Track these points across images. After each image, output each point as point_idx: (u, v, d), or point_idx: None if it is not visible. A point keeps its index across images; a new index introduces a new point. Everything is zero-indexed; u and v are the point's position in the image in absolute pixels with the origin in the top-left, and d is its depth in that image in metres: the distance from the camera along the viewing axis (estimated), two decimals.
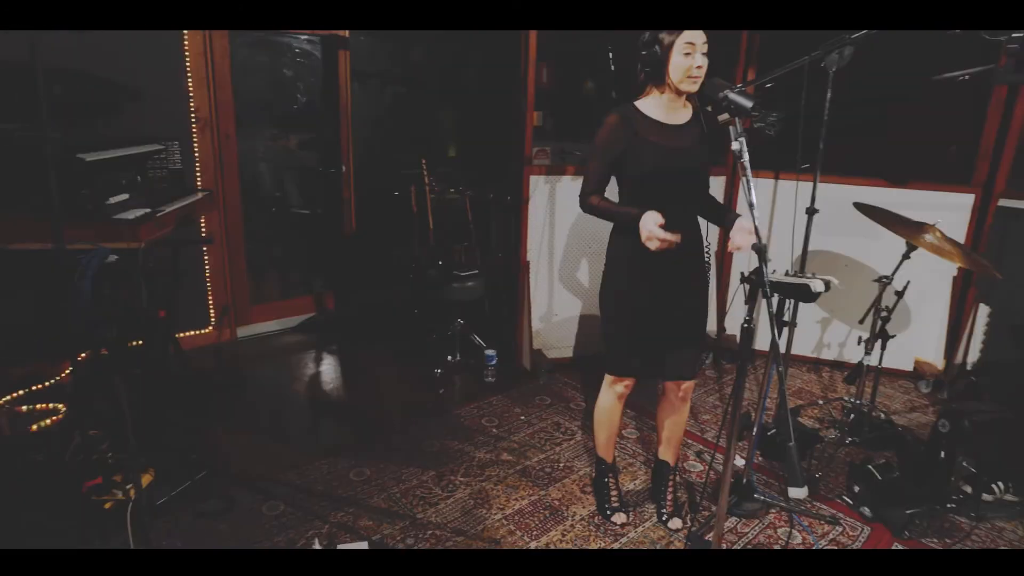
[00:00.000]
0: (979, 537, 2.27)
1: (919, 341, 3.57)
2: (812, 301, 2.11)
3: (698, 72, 1.85)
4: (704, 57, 1.85)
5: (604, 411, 2.24)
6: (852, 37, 2.41)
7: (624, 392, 2.18)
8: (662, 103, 1.95)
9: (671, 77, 1.87)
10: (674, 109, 1.97)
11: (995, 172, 3.32)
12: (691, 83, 1.87)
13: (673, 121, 1.97)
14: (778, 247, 3.65)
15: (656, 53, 1.86)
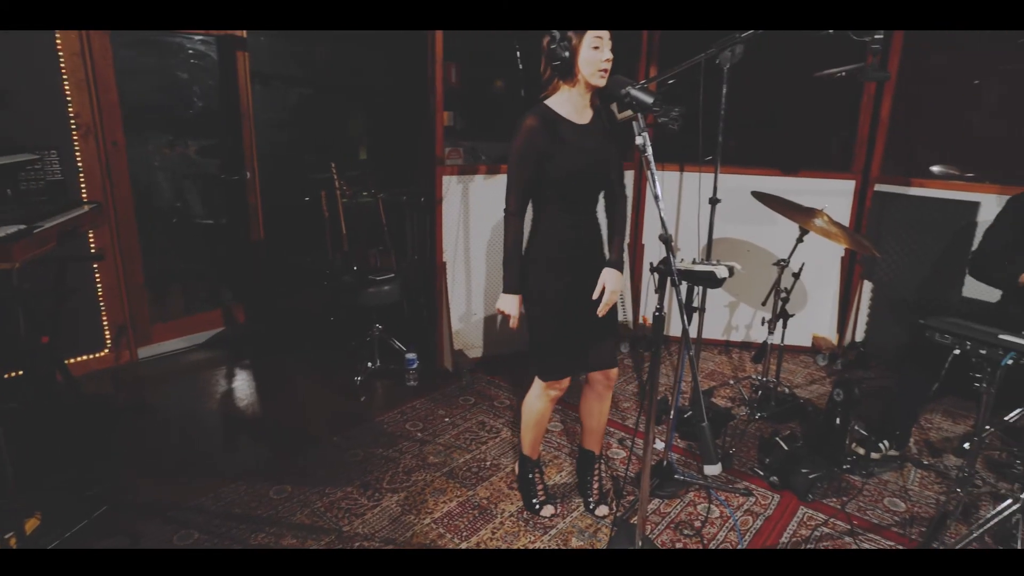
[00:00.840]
0: (869, 492, 2.47)
1: (815, 318, 3.83)
2: (718, 287, 2.21)
3: (606, 65, 1.89)
4: (610, 53, 1.90)
5: (536, 413, 2.22)
6: (742, 36, 2.54)
7: (558, 395, 2.18)
8: (571, 100, 1.97)
9: (582, 71, 1.90)
10: (582, 107, 2.00)
11: (871, 160, 3.62)
12: (600, 77, 1.90)
13: (582, 120, 2.01)
14: (685, 236, 3.83)
15: (565, 47, 1.89)
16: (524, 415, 2.26)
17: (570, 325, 2.06)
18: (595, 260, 2.09)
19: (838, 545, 2.17)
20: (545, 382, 2.14)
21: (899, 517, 2.34)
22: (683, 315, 1.76)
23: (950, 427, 3.02)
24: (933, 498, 2.46)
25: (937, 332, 2.29)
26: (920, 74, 3.57)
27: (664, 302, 1.85)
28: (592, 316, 2.08)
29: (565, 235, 2.01)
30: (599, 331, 2.12)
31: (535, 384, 2.19)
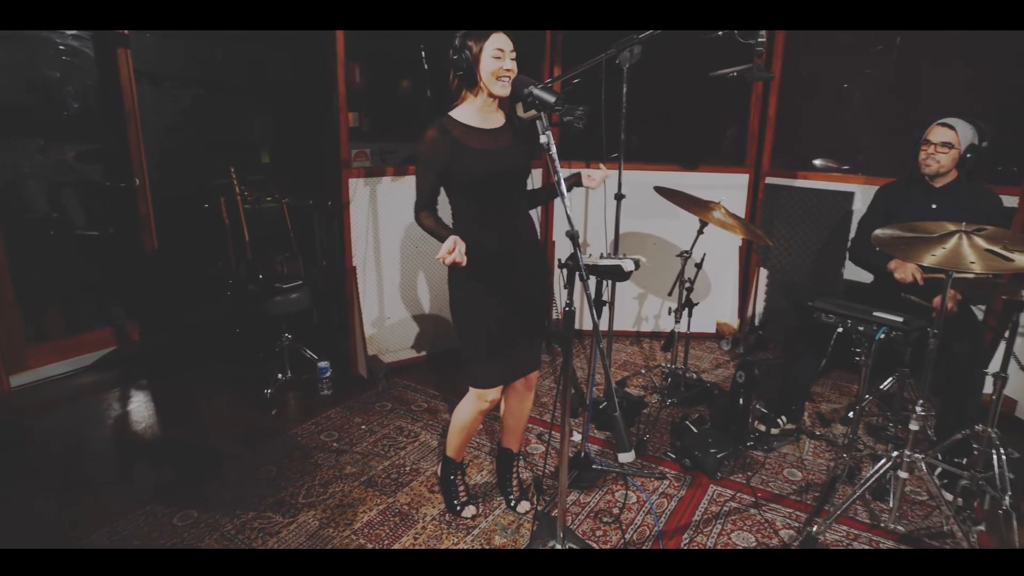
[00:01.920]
0: (770, 465, 2.64)
1: (718, 305, 4.05)
2: (625, 280, 2.28)
3: (507, 74, 1.90)
4: (513, 62, 1.92)
5: (467, 419, 2.19)
6: (640, 37, 2.63)
7: (489, 406, 2.14)
8: (477, 108, 1.98)
9: (484, 80, 1.91)
10: (489, 113, 2.01)
11: (761, 154, 3.86)
12: (502, 85, 1.91)
13: (489, 125, 2.01)
14: (594, 232, 3.93)
15: (467, 57, 1.89)
16: (455, 419, 2.22)
17: (501, 330, 2.05)
18: (523, 261, 2.09)
19: (746, 517, 2.30)
20: (479, 390, 2.11)
21: (796, 485, 2.52)
22: (592, 309, 1.80)
23: (837, 399, 3.27)
24: (825, 465, 2.66)
25: (822, 312, 2.47)
26: (800, 76, 3.84)
27: (574, 297, 1.89)
28: (523, 319, 2.08)
29: (485, 239, 2.00)
30: (529, 334, 2.14)
31: (470, 392, 2.15)
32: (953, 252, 1.86)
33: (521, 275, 2.08)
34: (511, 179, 2.05)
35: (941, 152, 2.61)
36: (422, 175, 1.96)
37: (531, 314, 2.12)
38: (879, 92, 3.77)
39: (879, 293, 2.78)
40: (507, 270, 2.04)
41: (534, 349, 2.18)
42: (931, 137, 2.63)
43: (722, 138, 4.34)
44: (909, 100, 3.64)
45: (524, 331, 2.11)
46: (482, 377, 2.09)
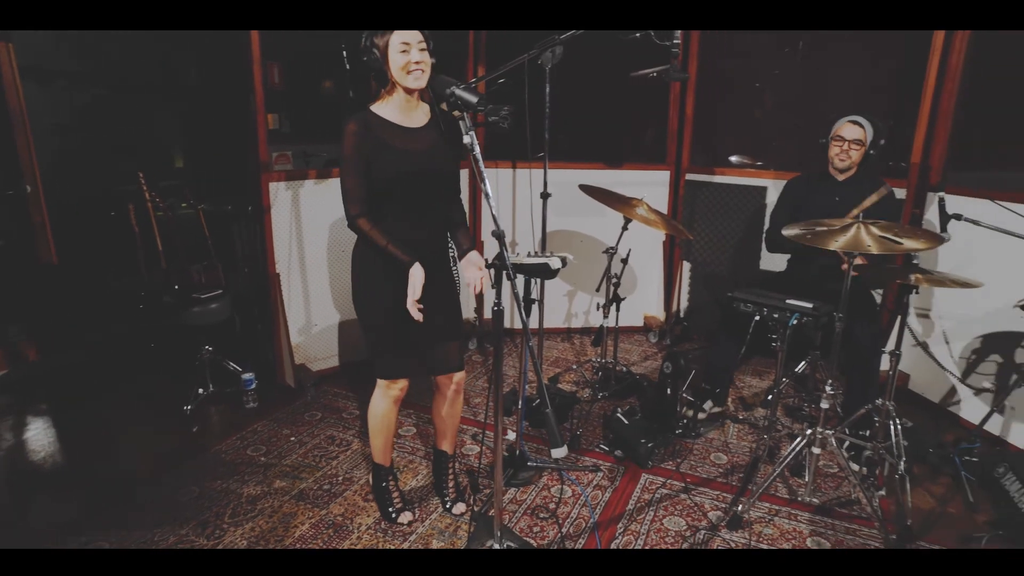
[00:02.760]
0: (698, 450, 2.74)
1: (645, 299, 4.17)
2: (553, 277, 2.31)
3: (417, 67, 1.88)
4: (423, 53, 1.89)
5: (380, 417, 2.19)
6: (561, 37, 2.67)
7: (399, 395, 2.16)
8: (397, 105, 1.95)
9: (394, 75, 1.89)
10: (410, 111, 1.98)
11: (681, 152, 4.00)
12: (414, 79, 1.89)
13: (411, 124, 1.98)
14: (522, 231, 3.96)
15: (375, 55, 1.86)
16: (370, 421, 2.22)
17: (408, 330, 2.03)
18: (436, 261, 2.08)
19: (676, 502, 2.38)
20: (384, 381, 2.12)
21: (723, 468, 2.63)
22: (519, 308, 1.82)
23: (757, 383, 3.45)
24: (748, 447, 2.79)
25: (741, 302, 2.59)
26: (716, 77, 4.02)
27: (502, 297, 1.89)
28: (434, 317, 2.07)
29: (403, 235, 1.98)
30: (442, 334, 2.13)
31: (377, 385, 2.16)
32: (854, 239, 2.04)
33: (436, 277, 2.06)
34: (433, 180, 2.02)
35: (854, 148, 2.79)
36: (350, 173, 1.90)
37: (443, 316, 2.11)
38: (787, 92, 3.99)
39: (792, 281, 2.94)
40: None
41: (450, 350, 2.17)
42: (844, 134, 2.80)
43: (644, 136, 4.47)
44: (814, 99, 3.87)
45: (439, 331, 2.10)
46: (386, 369, 2.09)
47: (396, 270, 1.98)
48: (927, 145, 3.20)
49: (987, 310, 2.87)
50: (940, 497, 2.46)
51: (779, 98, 4.09)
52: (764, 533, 2.22)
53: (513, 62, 2.68)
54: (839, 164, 2.84)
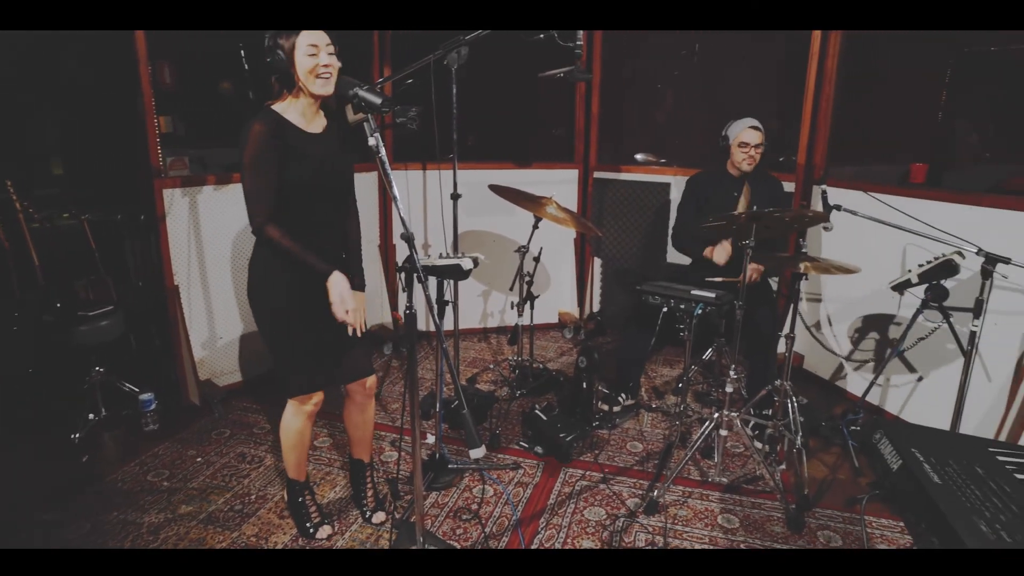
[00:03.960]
0: (615, 441, 2.83)
1: (559, 295, 4.25)
2: (465, 278, 2.31)
3: (326, 71, 1.82)
4: (331, 57, 1.84)
5: (294, 433, 2.10)
6: (466, 38, 2.67)
7: (314, 410, 2.08)
8: (301, 109, 1.88)
9: (301, 79, 1.82)
10: (312, 115, 1.92)
11: (588, 150, 4.11)
12: (322, 83, 1.83)
13: (314, 129, 1.92)
14: (434, 233, 3.93)
15: (280, 57, 1.79)
16: (283, 437, 2.13)
17: (314, 339, 1.98)
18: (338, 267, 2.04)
19: (596, 493, 2.44)
20: (296, 399, 2.04)
21: (639, 456, 2.72)
22: (431, 310, 1.80)
23: (668, 372, 3.59)
24: (661, 434, 2.91)
25: (649, 295, 2.69)
26: (620, 78, 4.16)
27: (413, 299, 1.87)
28: (340, 325, 2.02)
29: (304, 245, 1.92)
30: (349, 340, 2.07)
31: (288, 403, 2.08)
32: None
33: None
34: (335, 187, 1.97)
35: (758, 151, 2.96)
36: (255, 177, 1.79)
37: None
38: (686, 92, 4.19)
39: (697, 273, 3.09)
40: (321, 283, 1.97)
41: (358, 356, 2.13)
42: (749, 140, 2.94)
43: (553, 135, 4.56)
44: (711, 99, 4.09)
45: (342, 338, 2.03)
46: (295, 385, 2.03)
47: (300, 279, 1.91)
48: (811, 143, 3.45)
49: (866, 292, 3.13)
50: (831, 465, 2.66)
51: (679, 98, 4.29)
52: (679, 515, 2.32)
53: (419, 63, 2.66)
54: (746, 168, 2.99)
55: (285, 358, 1.99)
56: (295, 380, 2.02)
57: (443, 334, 1.80)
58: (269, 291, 1.94)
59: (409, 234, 1.69)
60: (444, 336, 1.78)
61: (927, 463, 1.27)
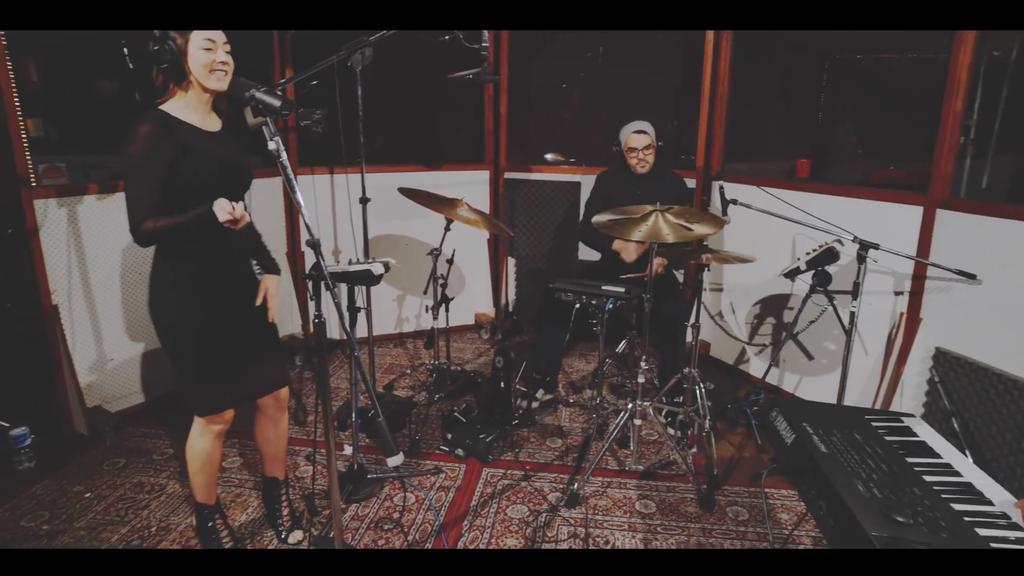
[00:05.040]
0: (535, 438, 2.86)
1: (474, 297, 4.25)
2: (377, 283, 2.27)
3: (222, 67, 1.73)
4: (228, 55, 1.75)
5: (202, 454, 1.97)
6: (370, 39, 2.62)
7: (223, 428, 1.97)
8: (193, 106, 1.78)
9: (194, 74, 1.72)
10: (206, 113, 1.82)
11: (498, 151, 4.13)
12: (217, 79, 1.73)
13: (209, 127, 1.82)
14: (345, 238, 3.83)
15: (172, 49, 1.68)
16: (189, 459, 2.00)
17: (222, 353, 1.88)
18: (243, 275, 1.96)
19: (518, 491, 2.46)
20: (204, 418, 1.92)
21: (558, 451, 2.77)
22: (342, 317, 1.75)
23: (584, 366, 3.68)
24: (580, 427, 2.97)
25: (561, 292, 2.75)
26: (528, 79, 4.22)
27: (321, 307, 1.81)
28: (249, 336, 1.93)
29: (203, 252, 1.82)
30: (259, 351, 1.99)
31: (195, 423, 1.95)
32: (653, 227, 2.25)
33: (240, 292, 1.94)
34: (238, 187, 1.89)
35: (647, 154, 3.08)
36: (140, 179, 1.66)
37: (258, 332, 1.98)
38: (592, 93, 4.31)
39: (607, 269, 3.18)
40: (227, 284, 1.89)
41: (269, 367, 2.04)
42: (635, 144, 3.08)
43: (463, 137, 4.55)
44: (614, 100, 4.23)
45: (255, 349, 1.96)
46: (203, 403, 1.91)
47: (203, 290, 1.82)
48: (708, 142, 3.64)
49: (762, 280, 3.34)
50: (738, 445, 2.82)
51: (585, 98, 4.41)
52: (599, 505, 2.38)
53: (321, 64, 2.59)
54: (640, 171, 3.13)
55: (190, 374, 1.88)
56: (202, 397, 1.90)
57: (356, 341, 1.76)
58: (171, 303, 1.82)
59: (315, 240, 1.63)
60: (357, 343, 1.74)
61: (815, 435, 1.37)
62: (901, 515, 1.08)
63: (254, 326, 1.96)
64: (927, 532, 1.05)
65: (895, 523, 1.06)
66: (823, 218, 2.64)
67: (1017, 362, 2.26)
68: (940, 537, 1.04)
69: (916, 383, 2.63)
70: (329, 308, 1.94)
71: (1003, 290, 2.31)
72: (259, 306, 1.97)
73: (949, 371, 2.48)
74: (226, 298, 1.88)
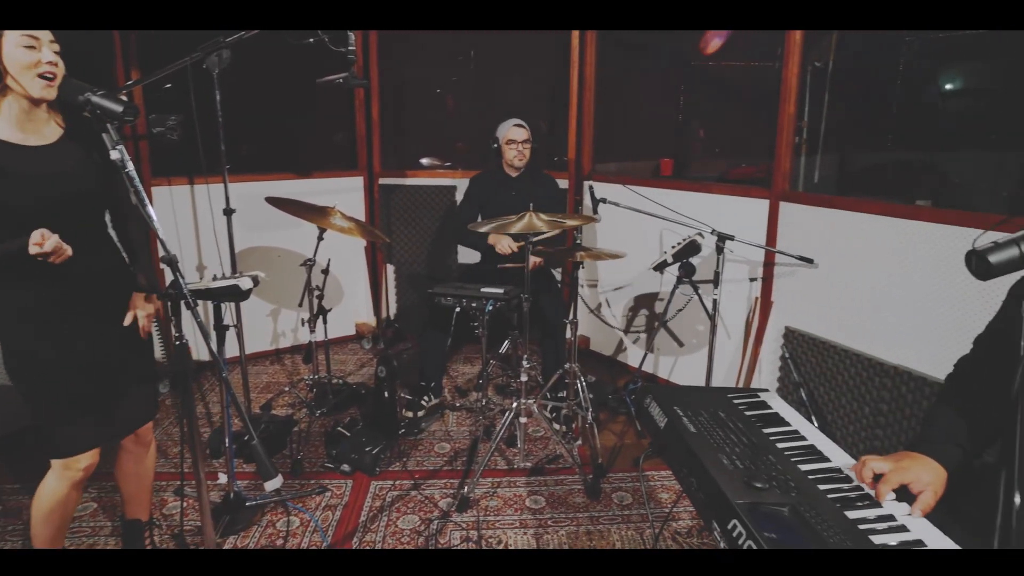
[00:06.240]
0: (423, 445, 2.83)
1: (354, 306, 4.13)
2: (246, 298, 2.13)
3: (51, 68, 1.54)
4: (57, 56, 1.56)
5: (52, 502, 1.74)
6: (227, 40, 2.46)
7: (83, 476, 1.74)
8: (12, 118, 1.56)
9: (14, 77, 1.51)
10: (35, 123, 1.60)
11: (372, 157, 4.04)
12: (45, 85, 1.53)
13: (38, 141, 1.60)
14: (210, 253, 3.57)
15: None
16: (36, 506, 1.76)
17: (84, 385, 1.69)
18: (107, 298, 1.76)
19: (408, 501, 2.42)
20: (63, 460, 1.70)
21: (447, 456, 2.75)
22: (207, 337, 1.63)
23: (469, 369, 3.69)
24: (467, 431, 2.98)
25: (441, 297, 2.74)
26: (400, 82, 4.17)
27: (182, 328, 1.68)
28: (112, 366, 1.74)
29: (49, 280, 1.61)
30: (126, 381, 1.79)
31: (52, 467, 1.73)
32: (529, 224, 2.31)
33: (106, 315, 1.75)
34: (74, 212, 1.67)
35: (526, 147, 3.19)
36: None
37: (128, 360, 1.81)
38: (465, 96, 4.34)
39: (487, 270, 3.21)
40: (86, 312, 1.70)
41: (139, 399, 1.86)
42: (516, 137, 3.18)
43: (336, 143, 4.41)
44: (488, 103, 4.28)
45: (120, 379, 1.78)
46: (64, 442, 1.70)
47: (50, 321, 1.62)
48: (579, 143, 3.79)
49: (634, 275, 3.53)
50: (619, 433, 2.96)
51: (459, 102, 4.43)
52: (490, 506, 2.39)
53: (172, 66, 2.40)
54: (518, 163, 3.21)
55: (45, 411, 1.67)
56: (63, 438, 1.69)
57: (225, 362, 1.65)
58: (15, 334, 1.62)
59: (171, 256, 1.51)
60: (227, 364, 1.63)
61: (685, 416, 1.47)
62: (759, 481, 1.18)
63: (119, 354, 1.77)
64: (780, 494, 1.16)
65: (754, 489, 1.16)
66: (685, 213, 2.84)
67: (849, 335, 2.55)
68: (790, 496, 1.15)
69: (771, 360, 2.90)
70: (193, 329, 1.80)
71: (835, 272, 2.61)
72: (127, 328, 1.79)
73: (797, 347, 2.76)
74: (91, 326, 1.68)
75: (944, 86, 3.44)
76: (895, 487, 1.18)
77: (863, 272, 2.49)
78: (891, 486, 1.17)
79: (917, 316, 2.30)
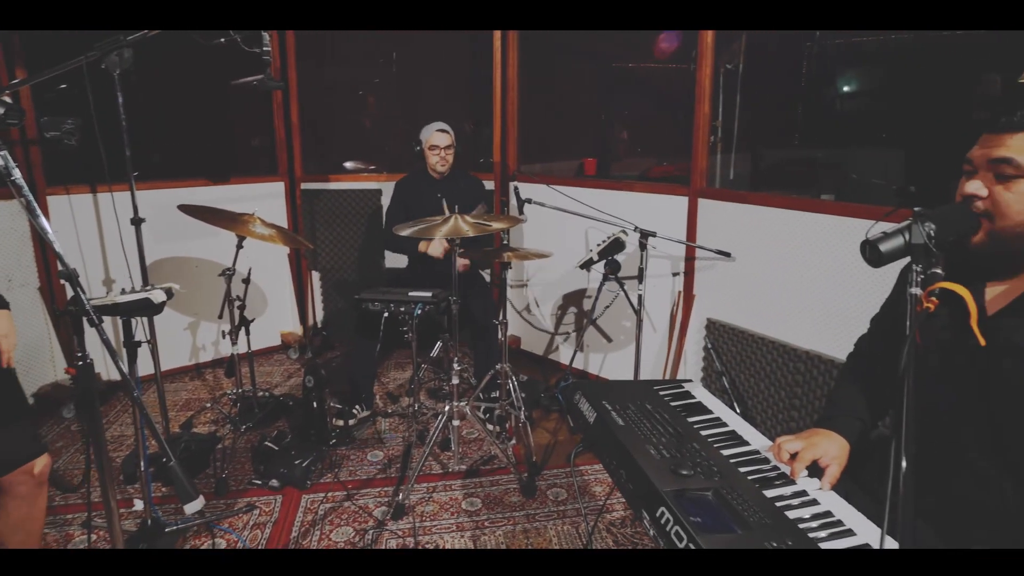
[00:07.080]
0: (355, 455, 2.76)
1: (278, 316, 3.98)
2: (159, 312, 2.02)
3: None
4: None
5: None
6: (128, 39, 2.33)
7: None
8: None
9: None
10: None
11: (292, 161, 3.92)
12: None
13: None
14: (118, 265, 3.36)
15: None
16: None
17: None
18: None
19: (341, 512, 2.35)
20: None
21: (380, 464, 2.70)
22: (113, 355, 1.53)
23: (400, 375, 3.64)
24: (401, 437, 2.93)
25: (369, 302, 2.69)
26: (321, 85, 4.05)
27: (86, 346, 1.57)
28: None
29: None
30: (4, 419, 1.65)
31: None
32: (455, 227, 2.29)
33: None
34: None
35: (448, 153, 3.17)
36: None
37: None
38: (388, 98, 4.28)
39: (414, 275, 3.18)
40: None
41: (18, 434, 1.72)
42: (438, 143, 3.16)
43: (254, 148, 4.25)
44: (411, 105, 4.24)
45: None
46: None
47: None
48: (503, 144, 3.81)
49: (562, 274, 3.59)
50: (552, 431, 3.00)
51: (381, 104, 4.36)
52: (426, 512, 2.36)
53: (65, 66, 2.24)
54: (441, 169, 3.20)
55: None
56: None
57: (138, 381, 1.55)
58: None
59: (70, 270, 1.41)
60: (139, 382, 1.53)
61: (613, 410, 1.50)
62: (685, 469, 1.22)
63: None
64: (704, 479, 1.20)
65: (680, 477, 1.20)
66: (609, 212, 2.91)
67: (765, 324, 2.69)
68: (713, 480, 1.20)
69: (695, 351, 3.01)
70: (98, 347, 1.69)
71: (750, 264, 2.74)
72: None
73: (718, 337, 2.88)
74: None
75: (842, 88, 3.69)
76: (808, 464, 1.25)
77: (775, 263, 2.63)
78: (804, 463, 1.24)
79: (825, 303, 2.46)
